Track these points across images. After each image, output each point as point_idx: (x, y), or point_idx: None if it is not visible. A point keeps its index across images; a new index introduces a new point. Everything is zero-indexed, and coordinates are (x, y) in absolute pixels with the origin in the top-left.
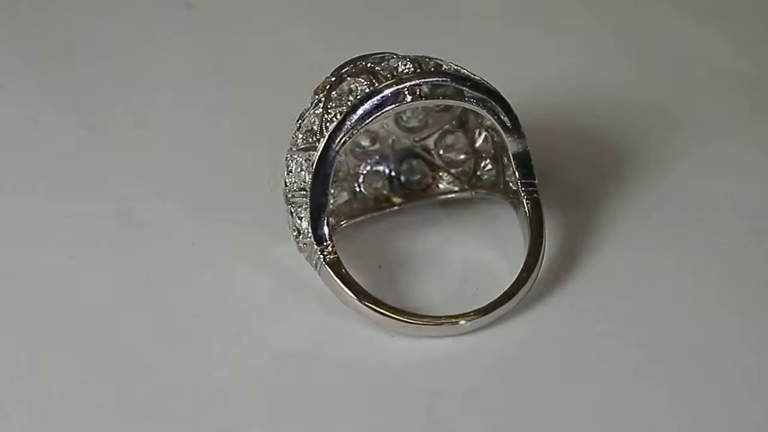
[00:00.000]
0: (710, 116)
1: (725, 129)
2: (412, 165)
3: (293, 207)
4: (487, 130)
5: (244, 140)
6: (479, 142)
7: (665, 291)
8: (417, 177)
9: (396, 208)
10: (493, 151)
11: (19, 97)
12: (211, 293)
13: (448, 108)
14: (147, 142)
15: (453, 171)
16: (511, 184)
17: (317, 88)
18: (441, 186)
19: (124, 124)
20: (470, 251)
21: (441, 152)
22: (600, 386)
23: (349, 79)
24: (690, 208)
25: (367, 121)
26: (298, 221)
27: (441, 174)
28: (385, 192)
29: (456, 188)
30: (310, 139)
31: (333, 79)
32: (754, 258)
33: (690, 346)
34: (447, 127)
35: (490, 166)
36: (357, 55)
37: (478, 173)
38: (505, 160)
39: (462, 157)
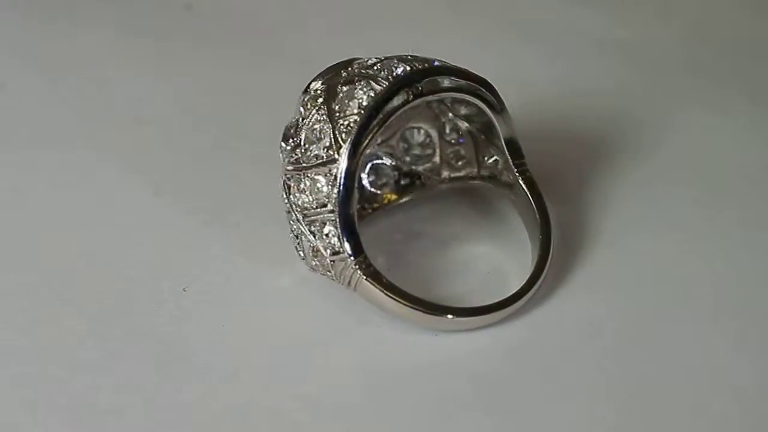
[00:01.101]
0: (678, 102)
1: (695, 112)
2: (377, 170)
3: (314, 226)
4: (458, 120)
5: (246, 143)
6: (449, 133)
7: (664, 284)
8: (384, 180)
9: (371, 212)
10: (463, 140)
11: (20, 99)
12: (240, 320)
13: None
14: (147, 144)
15: (421, 168)
16: (490, 168)
17: (305, 102)
18: (412, 185)
19: (124, 125)
20: (469, 241)
21: (406, 151)
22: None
23: (344, 88)
24: (676, 190)
25: (383, 126)
26: (324, 239)
27: (411, 173)
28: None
29: (428, 182)
30: (325, 153)
31: (320, 92)
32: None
33: (689, 341)
34: (409, 125)
35: (463, 155)
36: (330, 65)
37: (451, 164)
38: (478, 145)
39: (429, 151)
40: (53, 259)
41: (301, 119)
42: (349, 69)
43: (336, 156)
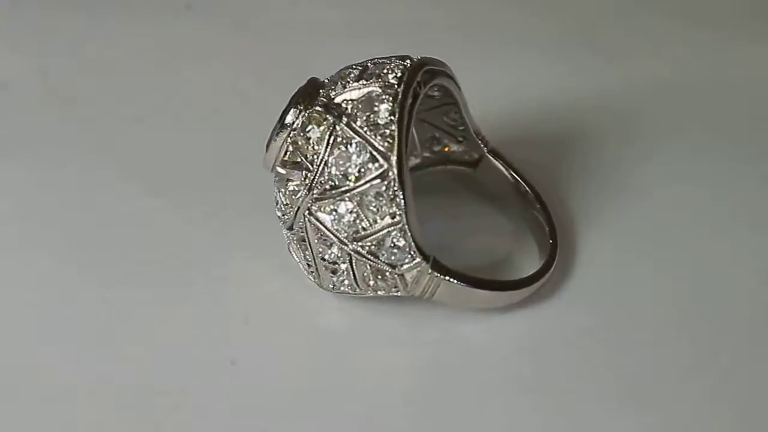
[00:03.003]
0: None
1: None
2: None
3: (373, 245)
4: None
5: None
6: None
7: (662, 284)
8: None
9: None
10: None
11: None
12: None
13: None
14: (147, 144)
15: None
16: (441, 153)
17: (302, 131)
18: None
19: (123, 126)
20: (456, 228)
21: None
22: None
23: (350, 103)
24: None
25: (411, 125)
26: (385, 254)
27: None
28: None
29: None
30: (368, 168)
31: (320, 116)
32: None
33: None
34: None
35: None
36: (296, 92)
37: None
38: (421, 134)
39: None
40: (52, 259)
41: (311, 147)
42: (333, 86)
43: (386, 165)
